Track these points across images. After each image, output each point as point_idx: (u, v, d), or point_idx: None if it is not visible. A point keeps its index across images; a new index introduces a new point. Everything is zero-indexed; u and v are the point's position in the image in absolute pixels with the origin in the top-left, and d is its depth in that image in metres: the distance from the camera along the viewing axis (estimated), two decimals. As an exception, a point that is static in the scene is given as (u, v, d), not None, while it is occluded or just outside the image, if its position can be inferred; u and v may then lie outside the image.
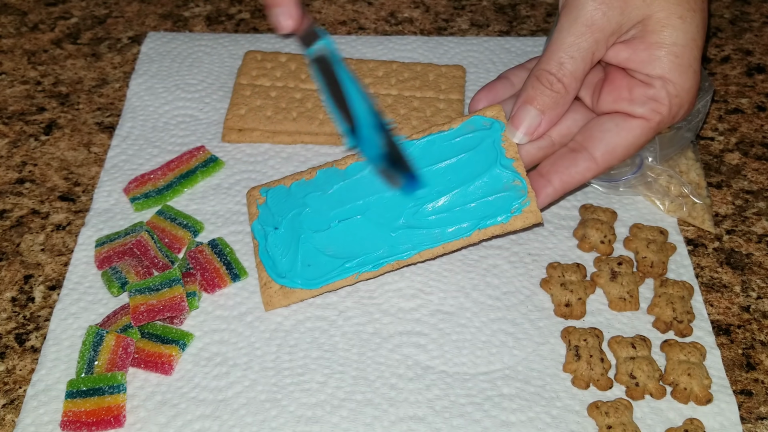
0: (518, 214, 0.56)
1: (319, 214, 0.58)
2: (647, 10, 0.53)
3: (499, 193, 0.57)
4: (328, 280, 0.57)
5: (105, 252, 0.60)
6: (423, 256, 0.57)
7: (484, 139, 0.58)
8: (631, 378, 0.54)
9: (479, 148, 0.58)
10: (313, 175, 0.60)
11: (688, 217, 0.64)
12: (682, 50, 0.54)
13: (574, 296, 0.58)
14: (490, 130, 0.58)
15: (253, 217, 0.60)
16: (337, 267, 0.57)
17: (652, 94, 0.55)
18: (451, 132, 0.58)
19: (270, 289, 0.57)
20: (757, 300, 0.60)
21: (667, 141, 0.63)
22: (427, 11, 0.84)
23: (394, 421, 0.52)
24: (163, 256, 0.59)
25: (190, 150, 0.67)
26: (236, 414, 0.52)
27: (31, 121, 0.72)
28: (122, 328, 0.56)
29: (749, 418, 0.53)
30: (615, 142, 0.56)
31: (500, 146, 0.57)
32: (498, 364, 0.55)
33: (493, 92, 0.60)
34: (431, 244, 0.57)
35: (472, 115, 0.59)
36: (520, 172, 0.57)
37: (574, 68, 0.54)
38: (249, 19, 0.82)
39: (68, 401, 0.52)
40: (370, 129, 0.55)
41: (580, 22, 0.53)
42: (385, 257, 0.57)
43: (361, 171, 0.59)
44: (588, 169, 0.57)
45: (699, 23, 0.54)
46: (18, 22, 0.81)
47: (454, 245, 0.57)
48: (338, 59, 0.55)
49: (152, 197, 0.64)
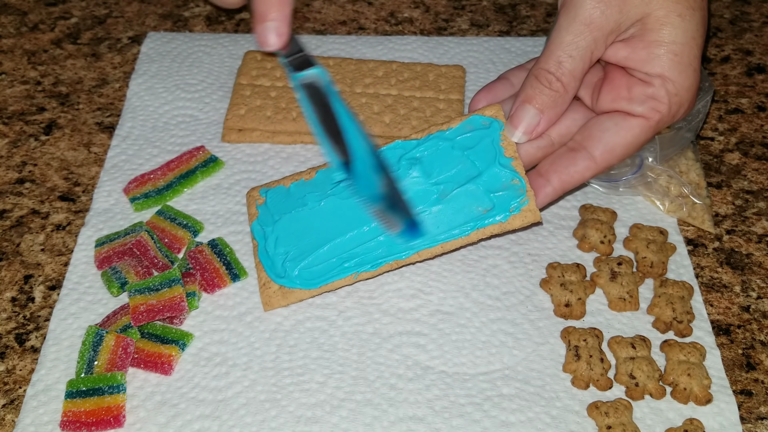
0: (517, 213, 0.56)
1: (318, 213, 0.58)
2: (646, 8, 0.53)
3: (497, 192, 0.57)
4: (327, 280, 0.57)
5: (105, 252, 0.60)
6: (422, 256, 0.57)
7: (483, 139, 0.58)
8: (630, 378, 0.54)
9: (478, 147, 0.58)
10: (312, 176, 0.60)
11: (687, 217, 0.64)
12: (682, 48, 0.54)
13: (574, 296, 0.58)
14: (489, 129, 0.58)
15: (253, 217, 0.60)
16: (335, 267, 0.57)
17: (651, 93, 0.55)
18: (450, 131, 0.58)
19: (269, 290, 0.57)
20: (757, 300, 0.60)
21: (667, 141, 0.63)
22: (427, 11, 0.84)
23: (393, 421, 0.52)
24: (162, 256, 0.59)
25: (189, 150, 0.67)
26: (236, 414, 0.52)
27: (31, 121, 0.72)
28: (122, 328, 0.56)
29: (749, 418, 0.53)
30: (614, 142, 0.56)
31: (499, 145, 0.57)
32: (498, 365, 0.55)
33: (492, 93, 0.60)
34: (430, 243, 0.57)
35: (471, 114, 0.58)
36: (519, 171, 0.57)
37: (573, 67, 0.54)
38: (249, 19, 0.82)
39: (68, 401, 0.52)
40: (367, 167, 0.54)
41: (578, 21, 0.53)
42: (383, 257, 0.57)
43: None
44: (587, 168, 0.56)
45: (699, 21, 0.54)
46: (18, 22, 0.81)
47: (452, 245, 0.57)
48: (333, 91, 0.54)
49: (152, 197, 0.64)
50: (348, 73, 0.72)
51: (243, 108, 0.69)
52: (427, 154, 0.58)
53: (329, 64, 0.73)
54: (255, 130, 0.69)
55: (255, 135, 0.69)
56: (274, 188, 0.60)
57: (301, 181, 0.60)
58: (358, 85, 0.71)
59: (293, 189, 0.60)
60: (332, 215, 0.58)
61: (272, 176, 0.66)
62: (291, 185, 0.60)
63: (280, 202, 0.59)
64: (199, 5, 0.84)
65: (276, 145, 0.69)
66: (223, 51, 0.77)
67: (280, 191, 0.60)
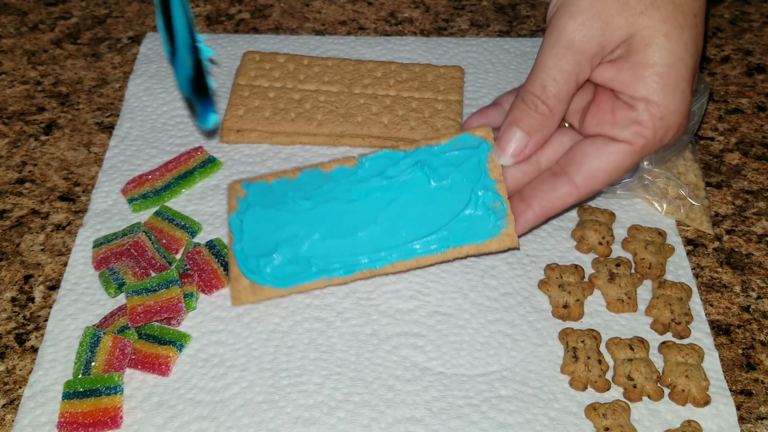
0: (495, 237, 0.56)
1: (297, 213, 0.58)
2: (630, 28, 0.51)
3: (478, 212, 0.56)
4: (299, 281, 0.57)
5: (102, 253, 0.60)
6: (396, 268, 0.57)
7: (469, 158, 0.57)
8: (628, 380, 0.54)
9: (464, 166, 0.57)
10: (296, 175, 0.59)
11: (685, 219, 0.64)
12: (668, 70, 0.51)
13: (572, 297, 0.58)
14: (477, 149, 0.57)
15: (232, 209, 0.59)
16: (308, 269, 0.57)
17: (634, 117, 0.52)
18: (439, 147, 0.58)
19: (239, 284, 0.57)
20: (757, 300, 0.60)
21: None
22: (427, 11, 0.84)
23: (391, 422, 0.52)
24: (160, 257, 0.59)
25: (188, 150, 0.67)
26: (233, 415, 0.52)
27: (31, 121, 0.72)
28: (119, 329, 0.56)
29: (749, 418, 0.53)
30: (596, 167, 0.54)
31: (485, 167, 0.57)
32: (496, 366, 0.55)
33: (485, 117, 0.59)
34: (405, 256, 0.56)
35: (462, 132, 0.58)
36: (501, 195, 0.56)
37: (557, 90, 0.53)
38: (249, 19, 0.82)
39: (65, 402, 0.52)
40: (184, 51, 0.52)
41: (560, 45, 0.52)
42: (357, 265, 0.57)
43: (345, 176, 0.59)
44: (568, 194, 0.55)
45: (688, 40, 0.52)
46: (18, 22, 0.82)
47: (427, 260, 0.56)
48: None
49: (150, 198, 0.64)
50: (347, 73, 0.72)
51: (241, 109, 0.69)
52: (412, 166, 0.58)
53: (328, 64, 0.73)
54: (253, 131, 0.69)
55: (253, 136, 0.69)
56: (256, 183, 0.59)
57: (284, 179, 0.59)
58: (356, 86, 0.71)
59: (276, 186, 0.59)
60: (311, 217, 0.58)
61: (271, 177, 0.66)
62: (274, 182, 0.59)
63: (261, 198, 0.59)
64: (199, 5, 0.84)
65: (274, 145, 0.69)
66: (221, 51, 0.77)
67: (263, 187, 0.59)
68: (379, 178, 0.58)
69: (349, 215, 0.58)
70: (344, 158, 0.59)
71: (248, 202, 0.59)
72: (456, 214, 0.57)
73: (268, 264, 0.57)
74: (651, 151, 0.54)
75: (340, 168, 0.59)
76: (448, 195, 0.57)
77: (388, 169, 0.58)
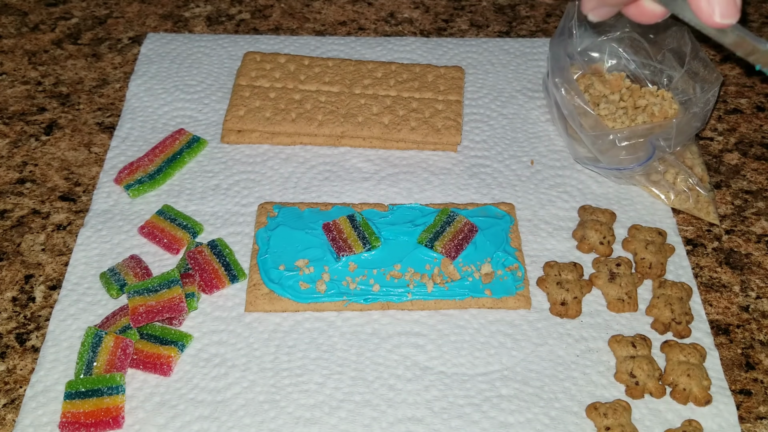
0: (511, 296, 0.58)
1: (325, 239, 0.60)
2: None
3: (498, 271, 0.59)
4: (318, 299, 0.57)
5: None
6: (414, 305, 0.58)
7: (494, 225, 0.61)
8: (630, 377, 0.54)
9: (489, 231, 0.61)
10: (328, 208, 0.62)
11: (693, 209, 0.64)
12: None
13: (570, 295, 0.58)
14: (501, 220, 0.62)
15: (260, 225, 0.61)
16: (328, 289, 0.58)
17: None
18: (466, 211, 0.62)
19: (258, 291, 0.58)
20: (756, 300, 0.60)
21: (682, 127, 0.63)
22: (427, 11, 0.84)
23: (392, 422, 0.52)
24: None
25: (171, 134, 0.68)
26: (235, 415, 0.52)
27: (31, 121, 0.72)
28: (121, 329, 0.56)
29: (748, 418, 0.53)
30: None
31: (507, 236, 0.61)
32: (496, 365, 0.55)
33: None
34: (425, 296, 0.58)
35: (488, 204, 0.63)
36: (520, 261, 0.60)
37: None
38: (249, 19, 0.82)
39: (67, 402, 0.52)
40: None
41: None
42: (377, 295, 0.58)
43: (376, 218, 0.62)
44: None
45: None
46: (18, 23, 0.82)
47: (446, 304, 0.58)
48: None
49: (145, 182, 0.65)
50: (347, 74, 0.72)
51: (242, 109, 0.69)
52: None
53: (329, 65, 0.73)
54: (254, 131, 0.69)
55: (254, 136, 0.69)
56: (288, 207, 0.62)
57: (317, 209, 0.62)
58: (357, 86, 0.71)
59: (307, 213, 0.62)
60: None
61: (271, 177, 0.66)
62: (306, 210, 0.62)
63: (291, 220, 0.61)
64: (199, 5, 0.84)
65: (275, 146, 0.69)
66: (222, 52, 0.77)
67: (294, 211, 0.62)
68: (409, 224, 0.61)
69: (377, 251, 0.60)
70: (376, 203, 0.63)
71: (278, 222, 0.61)
72: (477, 268, 0.59)
73: (291, 278, 0.58)
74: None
75: (371, 210, 0.62)
76: (472, 251, 0.60)
77: (417, 219, 0.62)
